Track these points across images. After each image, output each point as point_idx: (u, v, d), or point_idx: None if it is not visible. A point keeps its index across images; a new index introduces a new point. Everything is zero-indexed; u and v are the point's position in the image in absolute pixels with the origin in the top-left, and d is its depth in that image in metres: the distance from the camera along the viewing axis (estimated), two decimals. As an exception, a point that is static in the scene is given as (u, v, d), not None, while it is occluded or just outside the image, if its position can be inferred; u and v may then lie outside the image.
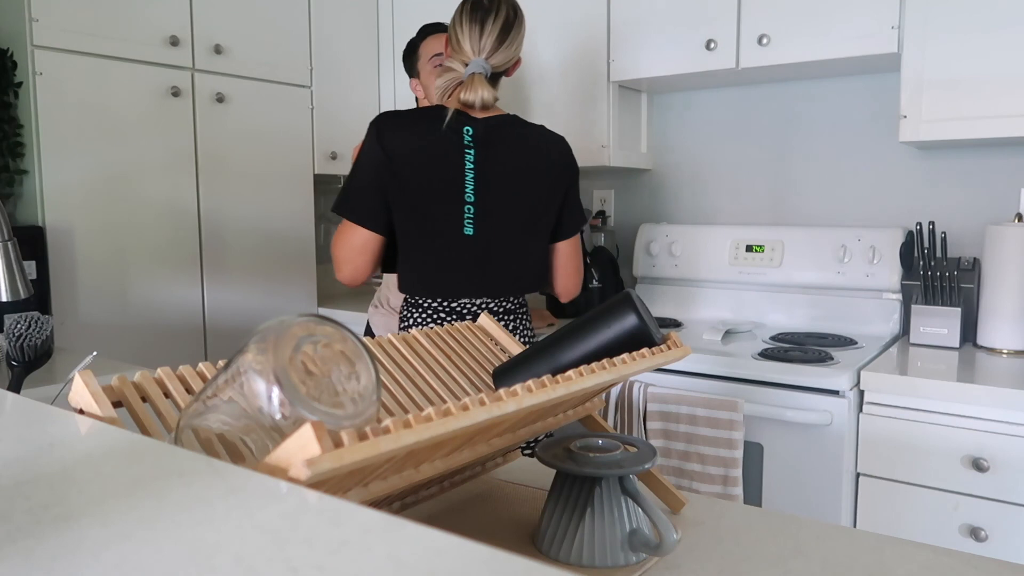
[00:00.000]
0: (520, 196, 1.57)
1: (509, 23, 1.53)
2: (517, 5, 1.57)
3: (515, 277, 1.59)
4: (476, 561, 0.33)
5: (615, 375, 0.72)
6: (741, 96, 2.31)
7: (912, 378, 1.54)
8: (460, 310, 1.60)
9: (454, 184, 1.52)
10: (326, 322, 0.57)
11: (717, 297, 2.24)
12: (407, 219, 1.55)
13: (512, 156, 1.55)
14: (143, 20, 2.04)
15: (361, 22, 2.62)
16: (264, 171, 2.35)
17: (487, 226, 1.55)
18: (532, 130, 1.60)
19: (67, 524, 0.38)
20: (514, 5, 1.56)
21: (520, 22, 1.56)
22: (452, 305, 1.59)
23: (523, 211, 1.57)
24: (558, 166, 1.61)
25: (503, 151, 1.55)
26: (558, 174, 1.60)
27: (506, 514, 0.88)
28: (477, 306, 1.59)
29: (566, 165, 1.62)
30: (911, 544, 0.78)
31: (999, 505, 1.47)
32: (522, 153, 1.56)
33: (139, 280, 2.08)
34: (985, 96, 1.70)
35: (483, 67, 1.52)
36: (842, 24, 1.85)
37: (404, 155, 1.51)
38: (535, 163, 1.57)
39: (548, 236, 1.63)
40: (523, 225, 1.58)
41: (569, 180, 1.63)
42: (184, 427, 0.56)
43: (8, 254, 1.07)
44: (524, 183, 1.57)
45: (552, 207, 1.61)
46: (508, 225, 1.57)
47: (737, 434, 1.61)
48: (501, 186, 1.55)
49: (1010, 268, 1.74)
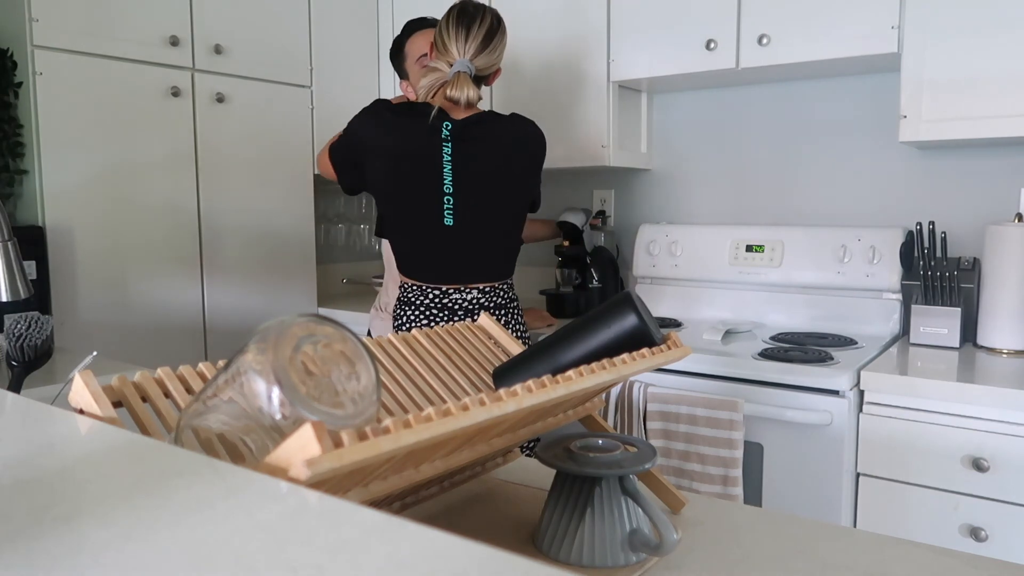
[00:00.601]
0: (497, 187, 1.70)
1: (492, 30, 1.67)
2: (500, 16, 1.70)
3: (495, 263, 1.74)
4: (476, 561, 0.33)
5: (615, 375, 0.72)
6: (741, 96, 2.31)
7: (912, 378, 1.54)
8: (452, 305, 1.70)
9: (432, 176, 1.65)
10: (326, 322, 0.57)
11: (717, 297, 2.24)
12: (386, 205, 1.71)
13: (488, 149, 1.68)
14: (143, 20, 2.04)
15: (361, 22, 2.62)
16: (264, 171, 2.35)
17: (467, 217, 1.68)
18: (506, 122, 1.72)
19: (67, 524, 0.38)
20: (497, 16, 1.70)
21: (503, 32, 1.70)
22: (443, 301, 1.69)
23: (501, 200, 1.71)
24: (530, 152, 1.75)
25: (479, 145, 1.67)
26: (530, 160, 1.75)
27: (506, 514, 0.88)
28: (468, 301, 1.69)
29: (536, 151, 1.76)
30: (911, 544, 0.78)
31: (999, 505, 1.47)
32: (498, 146, 1.69)
33: (139, 280, 2.08)
34: (985, 96, 1.70)
35: (468, 67, 1.64)
36: (842, 24, 1.85)
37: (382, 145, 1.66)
38: (510, 153, 1.71)
39: (524, 219, 1.79)
40: (501, 214, 1.72)
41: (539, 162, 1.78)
42: (184, 427, 0.56)
43: (8, 254, 1.07)
44: (500, 174, 1.70)
45: (527, 191, 1.76)
46: (487, 215, 1.70)
47: (737, 434, 1.61)
48: (479, 178, 1.67)
49: (1010, 268, 1.74)
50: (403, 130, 1.66)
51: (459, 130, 1.65)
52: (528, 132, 1.75)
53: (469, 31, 1.64)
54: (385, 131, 1.67)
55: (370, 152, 1.69)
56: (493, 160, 1.69)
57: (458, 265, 1.70)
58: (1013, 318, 1.74)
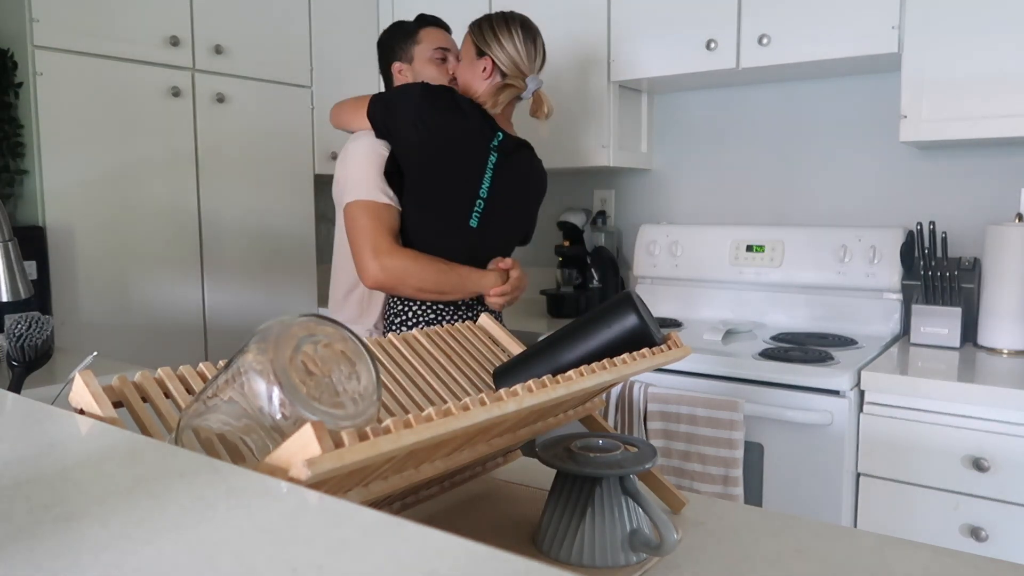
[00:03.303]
0: (516, 209, 1.76)
1: (544, 45, 1.75)
2: None
3: None
4: (476, 561, 0.33)
5: (615, 375, 0.72)
6: (741, 96, 2.31)
7: (912, 378, 1.54)
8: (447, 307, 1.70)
9: (473, 174, 1.67)
10: (326, 322, 0.57)
11: (717, 297, 2.24)
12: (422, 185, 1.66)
13: (521, 173, 1.75)
14: (143, 20, 2.04)
15: (361, 22, 2.62)
16: (264, 171, 2.35)
17: (489, 224, 1.69)
18: (535, 158, 1.81)
19: (68, 524, 0.38)
20: None
21: None
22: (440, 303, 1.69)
23: (515, 221, 1.78)
24: (541, 192, 1.84)
25: (517, 166, 1.73)
26: (537, 199, 1.84)
27: (506, 514, 0.88)
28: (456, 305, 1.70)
29: (543, 191, 1.85)
30: (911, 544, 0.78)
31: (999, 505, 1.47)
32: (528, 174, 1.77)
33: (139, 280, 2.08)
34: (985, 96, 1.70)
35: (539, 83, 1.73)
36: (842, 24, 1.85)
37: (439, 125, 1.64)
38: (533, 185, 1.80)
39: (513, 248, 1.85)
40: (512, 233, 1.79)
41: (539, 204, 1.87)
42: (184, 427, 0.56)
43: (8, 254, 1.07)
44: (522, 199, 1.78)
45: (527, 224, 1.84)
46: (505, 228, 1.74)
47: (737, 434, 1.61)
48: (509, 194, 1.71)
49: (1010, 268, 1.74)
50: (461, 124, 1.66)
51: (506, 145, 1.69)
52: (543, 174, 1.84)
53: (536, 45, 1.71)
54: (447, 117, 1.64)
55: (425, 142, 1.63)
56: (522, 184, 1.76)
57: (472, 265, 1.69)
58: (1013, 318, 1.74)
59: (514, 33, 1.69)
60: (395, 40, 1.90)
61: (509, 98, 1.71)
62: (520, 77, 1.70)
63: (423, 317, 1.67)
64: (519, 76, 1.70)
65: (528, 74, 1.70)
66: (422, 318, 1.67)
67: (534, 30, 1.72)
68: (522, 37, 1.69)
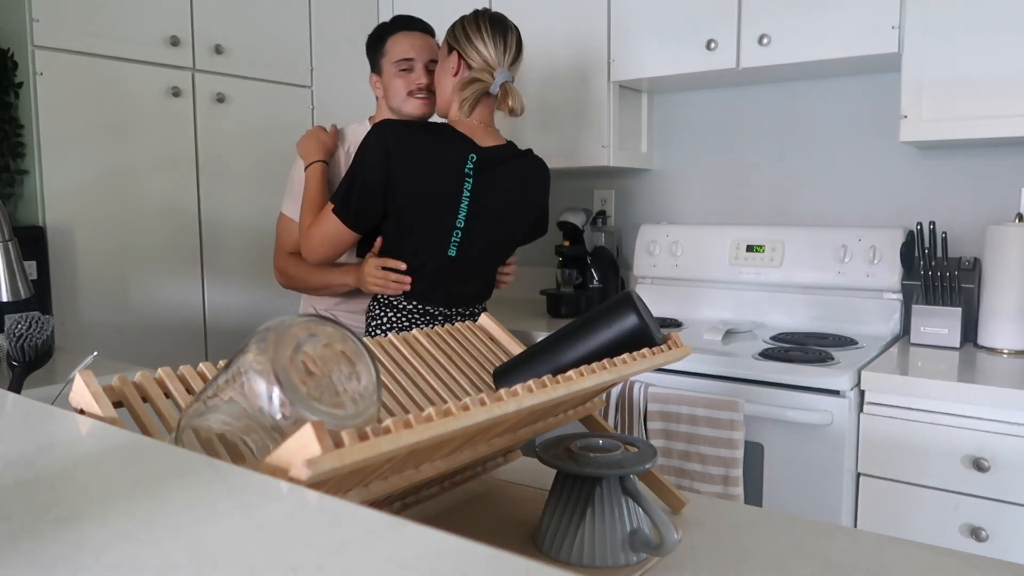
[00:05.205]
0: (504, 222, 1.73)
1: (520, 41, 1.71)
2: None
3: (484, 289, 1.80)
4: (476, 561, 0.33)
5: (615, 375, 0.72)
6: (741, 96, 2.31)
7: (913, 378, 1.54)
8: (433, 311, 1.72)
9: (448, 209, 1.65)
10: (327, 322, 0.57)
11: (717, 297, 2.24)
12: (396, 229, 1.67)
13: (506, 186, 1.70)
14: (143, 20, 2.04)
15: (361, 22, 2.62)
16: (264, 171, 2.35)
17: (470, 249, 1.69)
18: (523, 161, 1.75)
19: (68, 524, 0.38)
20: None
21: None
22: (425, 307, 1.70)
23: (504, 235, 1.75)
24: (539, 193, 1.80)
25: (499, 181, 1.68)
26: (537, 200, 1.80)
27: (506, 514, 0.88)
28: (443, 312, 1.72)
29: (545, 191, 1.82)
30: (912, 544, 0.78)
31: (999, 505, 1.47)
32: (515, 184, 1.72)
33: (139, 280, 2.08)
34: (985, 96, 1.70)
35: (509, 76, 1.67)
36: (842, 24, 1.85)
37: (407, 178, 1.62)
38: (524, 191, 1.75)
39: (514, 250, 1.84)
40: (501, 247, 1.77)
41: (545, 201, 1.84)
42: (185, 427, 0.56)
43: (8, 254, 1.07)
44: (511, 212, 1.74)
45: (528, 226, 1.81)
46: (488, 248, 1.73)
47: (738, 434, 1.61)
48: (490, 214, 1.69)
49: (1010, 268, 1.74)
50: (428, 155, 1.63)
51: (482, 164, 1.65)
52: (542, 174, 1.79)
53: (506, 40, 1.66)
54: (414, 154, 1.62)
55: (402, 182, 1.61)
56: (510, 197, 1.71)
57: (451, 292, 1.71)
58: (1014, 318, 1.74)
59: (482, 27, 1.66)
60: (369, 51, 1.90)
61: (475, 93, 1.65)
62: (488, 71, 1.65)
63: (397, 324, 1.71)
64: (486, 70, 1.65)
65: (496, 68, 1.66)
66: (396, 325, 1.71)
67: (506, 25, 1.68)
68: (490, 31, 1.66)
